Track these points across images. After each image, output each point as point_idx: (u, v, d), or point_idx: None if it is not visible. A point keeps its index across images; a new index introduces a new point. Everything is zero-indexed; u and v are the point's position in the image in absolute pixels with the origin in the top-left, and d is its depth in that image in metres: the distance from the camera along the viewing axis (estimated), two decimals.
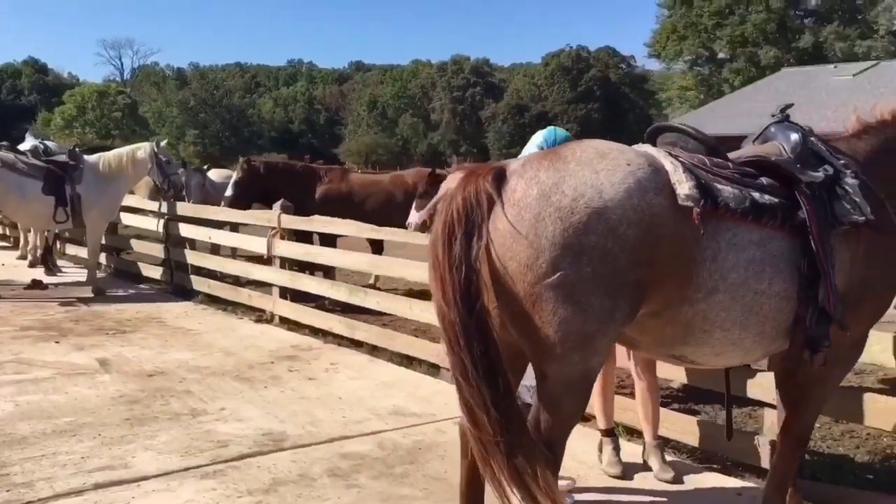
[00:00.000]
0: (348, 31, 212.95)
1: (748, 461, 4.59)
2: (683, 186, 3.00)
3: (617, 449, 4.59)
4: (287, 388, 6.25)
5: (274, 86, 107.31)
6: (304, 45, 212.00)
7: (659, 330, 3.15)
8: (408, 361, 6.98)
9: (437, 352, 6.62)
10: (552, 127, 4.22)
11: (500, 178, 2.99)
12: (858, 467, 4.92)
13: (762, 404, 4.62)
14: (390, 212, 10.13)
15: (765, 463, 4.40)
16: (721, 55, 55.64)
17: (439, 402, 5.84)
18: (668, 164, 3.08)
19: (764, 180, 3.24)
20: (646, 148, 3.25)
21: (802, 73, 42.19)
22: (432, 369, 6.72)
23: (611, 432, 4.64)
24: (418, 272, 6.79)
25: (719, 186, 3.10)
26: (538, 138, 4.12)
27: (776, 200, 3.18)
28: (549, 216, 2.85)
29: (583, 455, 4.66)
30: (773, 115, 3.71)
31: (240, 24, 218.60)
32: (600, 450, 4.66)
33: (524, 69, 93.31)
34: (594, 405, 4.57)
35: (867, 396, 4.22)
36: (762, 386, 4.35)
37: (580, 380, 3.04)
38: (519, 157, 4.13)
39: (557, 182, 2.91)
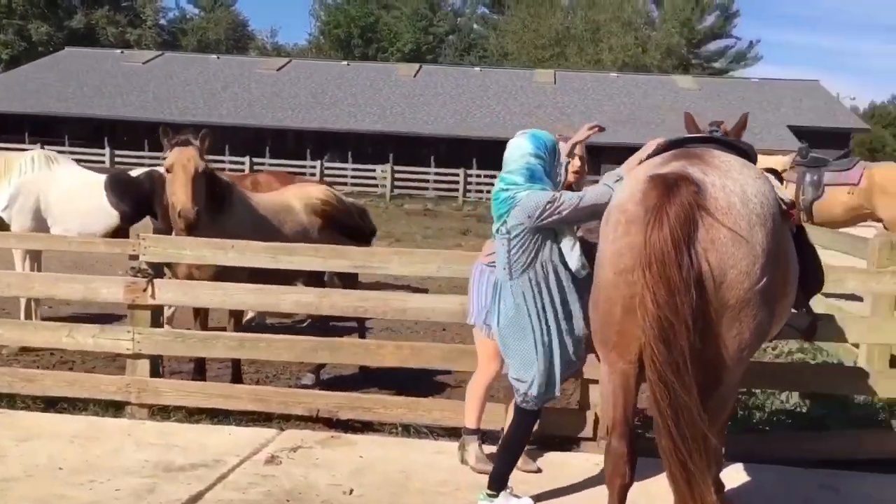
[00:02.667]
0: None
1: (574, 434, 4.93)
2: (783, 193, 3.45)
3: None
4: None
5: None
6: None
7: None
8: (69, 405, 5.31)
9: (122, 385, 5.25)
10: (534, 131, 3.90)
11: (698, 188, 2.98)
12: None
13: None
14: None
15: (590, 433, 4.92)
16: None
17: (191, 445, 4.74)
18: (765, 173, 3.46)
19: None
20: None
21: (89, 54, 41.65)
22: (112, 408, 5.28)
23: (477, 431, 4.59)
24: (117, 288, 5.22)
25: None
26: (528, 147, 3.78)
27: None
28: (755, 223, 3.00)
29: None
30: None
31: None
32: (464, 448, 4.56)
33: None
34: (472, 406, 4.46)
35: None
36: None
37: (740, 382, 3.26)
38: (524, 165, 3.79)
39: (743, 190, 3.06)
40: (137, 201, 7.69)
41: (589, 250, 3.62)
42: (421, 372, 5.84)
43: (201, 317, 5.88)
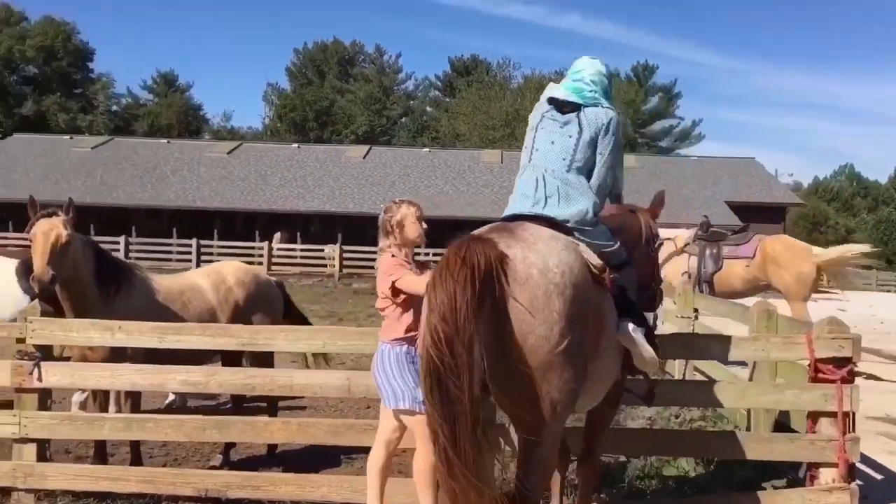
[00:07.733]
0: None
1: None
2: (593, 258, 3.61)
3: None
4: None
5: None
6: None
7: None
8: None
9: (8, 470, 5.16)
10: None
11: (501, 257, 3.14)
12: None
13: None
14: None
15: None
16: None
17: None
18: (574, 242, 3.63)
19: None
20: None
21: (37, 140, 41.67)
22: None
23: None
24: None
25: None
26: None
27: None
28: (552, 292, 3.16)
29: None
30: None
31: None
32: None
33: None
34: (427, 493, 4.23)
35: None
36: None
37: (559, 435, 3.39)
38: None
39: (545, 261, 3.22)
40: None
41: None
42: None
43: (100, 399, 5.85)
